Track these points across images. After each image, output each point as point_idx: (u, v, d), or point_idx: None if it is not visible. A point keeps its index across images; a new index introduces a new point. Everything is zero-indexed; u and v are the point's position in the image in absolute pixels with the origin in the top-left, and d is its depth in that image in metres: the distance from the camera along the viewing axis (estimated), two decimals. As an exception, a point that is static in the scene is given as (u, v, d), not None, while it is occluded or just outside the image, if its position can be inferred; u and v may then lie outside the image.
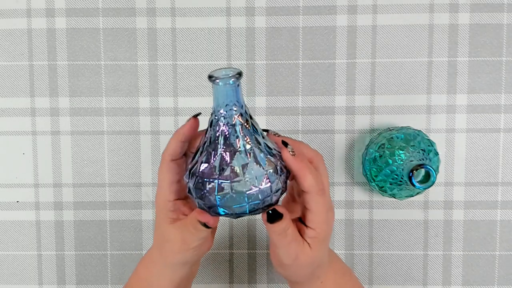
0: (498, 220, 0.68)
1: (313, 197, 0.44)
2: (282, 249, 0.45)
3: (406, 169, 0.56)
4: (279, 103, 0.68)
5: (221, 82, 0.41)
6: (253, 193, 0.42)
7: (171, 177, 0.46)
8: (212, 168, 0.43)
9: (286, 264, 0.46)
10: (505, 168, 0.68)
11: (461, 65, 0.67)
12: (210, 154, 0.43)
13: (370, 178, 0.62)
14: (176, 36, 0.68)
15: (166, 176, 0.46)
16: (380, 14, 0.67)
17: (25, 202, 0.70)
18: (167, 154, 0.46)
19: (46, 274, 0.70)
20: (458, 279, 0.69)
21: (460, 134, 0.67)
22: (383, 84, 0.67)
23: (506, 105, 0.67)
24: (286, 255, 0.46)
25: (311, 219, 0.45)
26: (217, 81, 0.41)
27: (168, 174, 0.46)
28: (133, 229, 0.69)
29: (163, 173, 0.46)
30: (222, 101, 0.42)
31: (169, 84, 0.68)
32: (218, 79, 0.41)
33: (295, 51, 0.67)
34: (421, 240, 0.69)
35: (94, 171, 0.69)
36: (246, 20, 0.67)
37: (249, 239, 0.69)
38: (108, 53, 0.68)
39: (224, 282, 0.70)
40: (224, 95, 0.42)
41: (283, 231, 0.44)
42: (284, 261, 0.46)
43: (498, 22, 0.66)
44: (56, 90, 0.68)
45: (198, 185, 0.43)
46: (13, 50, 0.68)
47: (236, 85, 0.42)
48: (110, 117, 0.69)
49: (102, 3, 0.68)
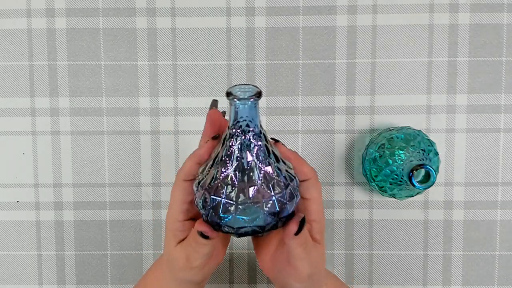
0: (498, 220, 0.68)
1: (313, 183, 0.45)
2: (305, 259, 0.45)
3: (406, 169, 0.56)
4: (279, 103, 0.68)
5: (239, 102, 0.40)
6: (258, 216, 0.42)
7: (182, 197, 0.45)
8: (219, 186, 0.42)
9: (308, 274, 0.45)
10: (505, 168, 0.68)
11: (461, 65, 0.67)
12: (219, 171, 0.42)
13: (370, 178, 0.62)
14: (176, 36, 0.68)
15: (178, 196, 0.45)
16: (380, 14, 0.67)
17: (25, 202, 0.70)
18: (182, 173, 0.45)
19: (46, 274, 0.70)
20: (458, 279, 0.69)
21: (460, 134, 0.67)
22: (383, 84, 0.67)
23: (506, 105, 0.67)
24: (308, 264, 0.45)
25: (313, 209, 0.46)
26: (235, 100, 0.40)
27: (180, 194, 0.45)
28: (133, 229, 0.69)
29: (175, 192, 0.46)
30: (238, 119, 0.41)
31: (169, 84, 0.68)
32: (236, 98, 0.40)
33: (295, 51, 0.67)
34: (421, 240, 0.69)
35: (94, 171, 0.69)
36: (246, 20, 0.67)
37: (249, 239, 0.69)
38: (108, 53, 0.68)
39: (224, 282, 0.70)
40: (241, 114, 0.41)
41: (305, 240, 0.44)
42: (306, 271, 0.45)
43: (498, 22, 0.66)
44: (56, 90, 0.68)
45: (205, 199, 0.42)
46: (13, 50, 0.68)
47: (254, 105, 0.41)
48: (110, 117, 0.69)
49: (102, 3, 0.68)
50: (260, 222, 0.42)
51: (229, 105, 0.41)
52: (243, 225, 0.42)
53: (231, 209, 0.41)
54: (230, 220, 0.41)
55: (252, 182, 0.41)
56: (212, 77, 0.68)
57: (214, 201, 0.42)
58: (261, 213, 0.41)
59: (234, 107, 0.41)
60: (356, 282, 0.69)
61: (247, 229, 0.42)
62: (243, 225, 0.42)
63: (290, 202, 0.43)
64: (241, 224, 0.42)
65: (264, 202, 0.41)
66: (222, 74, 0.68)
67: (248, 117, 0.41)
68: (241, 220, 0.41)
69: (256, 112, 0.41)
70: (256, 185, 0.41)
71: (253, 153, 0.42)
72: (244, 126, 0.41)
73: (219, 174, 0.42)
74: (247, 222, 0.42)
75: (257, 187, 0.41)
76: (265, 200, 0.41)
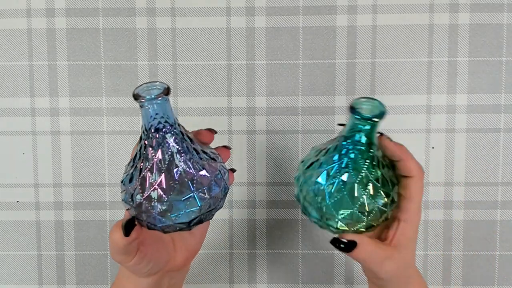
0: (498, 220, 0.68)
1: (416, 181, 0.44)
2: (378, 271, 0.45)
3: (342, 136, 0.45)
4: (279, 103, 0.68)
5: (147, 102, 0.40)
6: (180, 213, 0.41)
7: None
8: (139, 185, 0.41)
9: (385, 278, 0.46)
10: (505, 168, 0.68)
11: (461, 65, 0.67)
12: (138, 170, 0.42)
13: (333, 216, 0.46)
14: (176, 36, 0.68)
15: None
16: (380, 14, 0.67)
17: (25, 202, 0.70)
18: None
19: (46, 274, 0.70)
20: (458, 279, 0.69)
21: (460, 134, 0.67)
22: (383, 84, 0.67)
23: (506, 105, 0.67)
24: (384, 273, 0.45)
25: (406, 207, 0.45)
26: (142, 101, 0.40)
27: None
28: (133, 229, 0.69)
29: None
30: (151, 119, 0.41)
31: (169, 84, 0.68)
32: (144, 99, 0.40)
33: (295, 51, 0.67)
34: (421, 240, 0.69)
35: (94, 171, 0.69)
36: (246, 20, 0.67)
37: (249, 239, 0.69)
38: (108, 53, 0.68)
39: (224, 282, 0.70)
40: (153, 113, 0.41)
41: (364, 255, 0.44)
42: (383, 277, 0.45)
43: (498, 22, 0.66)
44: (56, 90, 0.68)
45: (127, 199, 0.42)
46: (13, 50, 0.68)
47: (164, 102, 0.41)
48: (110, 117, 0.69)
49: (102, 3, 0.68)
50: (183, 219, 0.42)
51: (139, 107, 0.41)
52: (166, 223, 0.42)
53: (151, 209, 0.41)
54: (152, 219, 0.41)
55: (169, 180, 0.41)
56: (212, 77, 0.68)
57: (135, 201, 0.42)
58: (182, 210, 0.41)
59: (144, 109, 0.41)
60: (356, 282, 0.69)
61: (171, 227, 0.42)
62: (166, 224, 0.42)
63: (211, 196, 0.43)
64: (163, 223, 0.42)
65: (184, 199, 0.41)
66: (222, 74, 0.68)
67: (158, 114, 0.41)
68: (163, 219, 0.41)
69: (168, 108, 0.41)
70: (175, 183, 0.41)
71: (168, 150, 0.41)
72: (156, 124, 0.41)
73: (138, 173, 0.42)
74: (169, 220, 0.41)
75: (175, 184, 0.41)
76: (185, 197, 0.41)
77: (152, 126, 0.41)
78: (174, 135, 0.42)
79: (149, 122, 0.41)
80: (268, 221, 0.69)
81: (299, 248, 0.70)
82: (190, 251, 0.50)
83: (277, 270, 0.70)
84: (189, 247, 0.49)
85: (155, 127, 0.41)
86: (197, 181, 0.42)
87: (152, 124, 0.41)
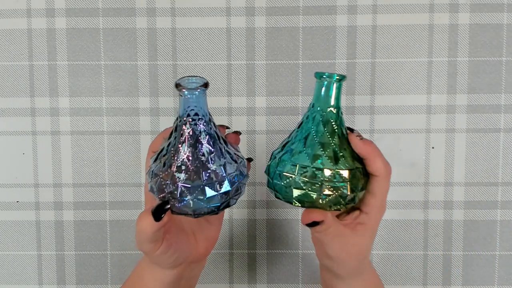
0: (498, 220, 0.68)
1: (380, 180, 0.45)
2: (327, 244, 0.46)
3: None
4: (279, 103, 0.68)
5: (187, 92, 0.44)
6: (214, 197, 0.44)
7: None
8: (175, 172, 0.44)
9: (333, 256, 0.47)
10: (505, 168, 0.68)
11: (461, 65, 0.67)
12: (173, 158, 0.44)
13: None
14: (176, 36, 0.68)
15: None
16: (380, 14, 0.67)
17: (25, 202, 0.70)
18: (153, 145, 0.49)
19: (46, 274, 0.70)
20: (458, 279, 0.69)
21: (460, 134, 0.67)
22: (383, 84, 0.67)
23: (506, 105, 0.67)
24: (330, 249, 0.46)
25: (369, 202, 0.46)
26: (183, 91, 0.44)
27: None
28: (133, 229, 0.69)
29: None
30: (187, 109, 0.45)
31: (169, 84, 0.68)
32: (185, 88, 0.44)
33: (295, 51, 0.67)
34: (421, 240, 0.69)
35: (94, 171, 0.69)
36: (246, 20, 0.67)
37: (249, 239, 0.69)
38: (108, 53, 0.68)
39: (224, 282, 0.70)
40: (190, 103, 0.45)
41: (323, 231, 0.45)
42: (330, 253, 0.47)
43: (498, 22, 0.66)
44: (56, 90, 0.68)
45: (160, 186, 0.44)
46: (13, 50, 0.68)
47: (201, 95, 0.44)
48: (110, 117, 0.69)
49: (102, 3, 0.68)
50: (215, 202, 0.44)
51: (179, 96, 0.44)
52: (200, 206, 0.44)
53: (188, 193, 0.44)
54: (187, 203, 0.44)
55: (205, 166, 0.44)
56: (212, 77, 0.68)
57: (171, 186, 0.44)
58: (215, 194, 0.44)
59: (183, 98, 0.44)
60: (356, 282, 0.69)
61: (204, 210, 0.45)
62: (200, 207, 0.44)
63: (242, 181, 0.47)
64: (198, 206, 0.44)
65: (218, 183, 0.44)
66: (222, 74, 0.68)
67: (196, 106, 0.45)
68: (198, 202, 0.44)
69: (204, 101, 0.45)
70: (209, 169, 0.44)
71: (203, 139, 0.45)
72: (193, 114, 0.45)
73: (173, 161, 0.44)
74: (203, 203, 0.44)
75: (210, 170, 0.44)
76: (218, 181, 0.44)
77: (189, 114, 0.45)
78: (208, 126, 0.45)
79: (185, 110, 0.45)
80: (268, 221, 0.69)
81: (299, 248, 0.70)
82: (209, 240, 0.51)
83: (277, 270, 0.70)
84: (208, 236, 0.51)
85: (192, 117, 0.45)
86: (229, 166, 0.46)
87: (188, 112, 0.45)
